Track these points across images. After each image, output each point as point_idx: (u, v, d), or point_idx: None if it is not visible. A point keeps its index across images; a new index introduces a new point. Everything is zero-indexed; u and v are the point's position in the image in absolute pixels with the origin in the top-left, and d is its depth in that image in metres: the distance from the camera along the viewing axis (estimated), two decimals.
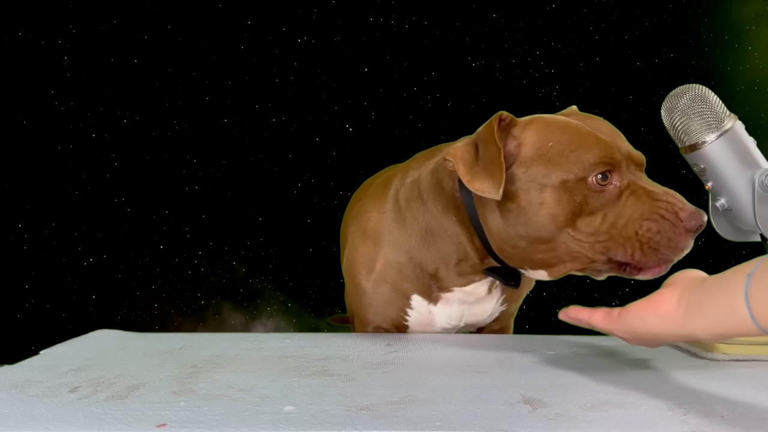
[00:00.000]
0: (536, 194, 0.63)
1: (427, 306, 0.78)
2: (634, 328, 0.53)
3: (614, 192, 0.62)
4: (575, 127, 0.65)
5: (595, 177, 0.62)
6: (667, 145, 0.71)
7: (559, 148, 0.63)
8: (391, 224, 0.77)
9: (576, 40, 1.81)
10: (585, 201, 0.62)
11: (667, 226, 0.60)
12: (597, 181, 0.62)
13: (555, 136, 0.64)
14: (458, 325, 0.81)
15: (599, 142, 0.63)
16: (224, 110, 1.79)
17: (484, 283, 0.76)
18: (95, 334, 0.79)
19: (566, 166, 0.62)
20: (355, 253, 0.80)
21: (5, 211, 1.67)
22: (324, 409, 0.45)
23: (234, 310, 1.84)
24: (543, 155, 0.64)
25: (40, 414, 0.45)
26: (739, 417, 0.44)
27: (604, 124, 0.68)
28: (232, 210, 1.79)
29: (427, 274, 0.76)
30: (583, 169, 0.62)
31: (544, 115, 0.69)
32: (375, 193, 0.82)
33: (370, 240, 0.78)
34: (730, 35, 1.82)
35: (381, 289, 0.78)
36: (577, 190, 0.62)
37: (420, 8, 1.84)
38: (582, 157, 0.62)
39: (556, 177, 0.62)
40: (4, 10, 1.66)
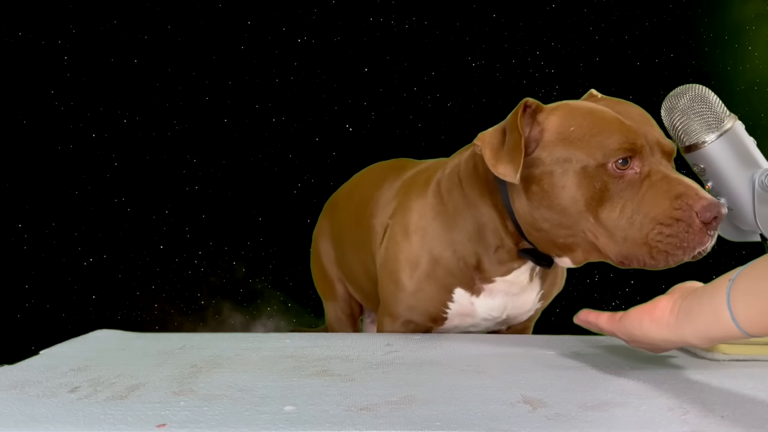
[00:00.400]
0: (558, 178, 0.64)
1: (469, 298, 0.78)
2: (632, 331, 0.55)
3: (635, 178, 0.62)
4: (599, 112, 0.65)
5: (615, 162, 0.62)
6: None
7: (581, 132, 0.64)
8: (434, 219, 0.78)
9: (576, 40, 1.81)
10: (605, 187, 0.62)
11: (681, 228, 0.59)
12: (617, 166, 0.62)
13: (577, 121, 0.65)
14: (500, 317, 0.81)
15: (622, 127, 0.63)
16: (224, 110, 1.79)
17: (525, 271, 0.76)
18: (95, 334, 0.79)
19: (587, 150, 0.63)
20: (397, 249, 0.80)
21: (5, 211, 1.67)
22: (324, 409, 0.45)
23: (234, 310, 1.84)
24: (565, 140, 0.65)
25: (40, 414, 0.45)
26: (740, 417, 0.44)
27: (634, 109, 0.68)
28: (232, 210, 1.79)
29: (470, 266, 0.76)
30: (604, 155, 0.62)
31: (571, 101, 0.69)
32: (418, 187, 0.83)
33: (414, 236, 0.79)
34: (730, 35, 1.82)
35: (424, 286, 0.78)
36: (597, 176, 0.62)
37: (420, 8, 1.84)
38: (603, 142, 0.62)
39: (577, 161, 0.63)
40: (4, 10, 1.66)
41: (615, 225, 0.62)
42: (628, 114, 0.66)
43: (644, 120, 0.66)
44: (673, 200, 0.60)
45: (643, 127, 0.65)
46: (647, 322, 0.53)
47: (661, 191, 0.61)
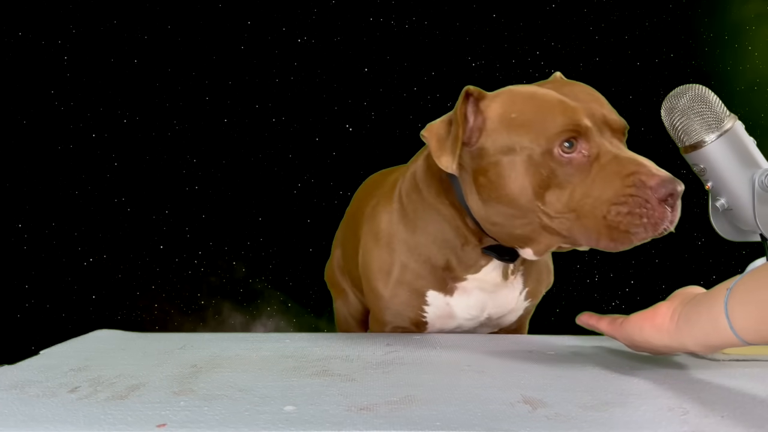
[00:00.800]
0: (504, 168, 0.62)
1: (444, 299, 0.77)
2: (633, 336, 0.56)
3: (583, 162, 0.60)
4: (541, 96, 0.63)
5: (560, 146, 0.60)
6: (667, 145, 0.71)
7: (523, 118, 0.62)
8: (399, 223, 0.77)
9: (576, 40, 1.81)
10: (552, 173, 0.60)
11: (637, 204, 0.57)
12: (563, 151, 0.60)
13: (518, 107, 0.63)
14: (480, 316, 0.79)
15: (565, 109, 0.61)
16: (224, 110, 1.79)
17: (495, 268, 0.75)
18: (95, 334, 0.79)
19: (530, 136, 0.61)
20: (369, 258, 0.80)
21: (5, 211, 1.66)
22: (324, 409, 0.45)
23: (234, 310, 1.83)
24: (507, 127, 0.63)
25: (40, 414, 0.45)
26: (739, 417, 0.44)
27: (583, 89, 0.66)
28: (232, 210, 1.79)
29: (439, 267, 0.75)
30: (547, 140, 0.60)
31: (515, 86, 0.67)
32: (385, 193, 0.82)
33: (382, 243, 0.78)
34: (730, 35, 1.82)
35: (398, 293, 0.78)
36: (544, 162, 0.60)
37: (420, 8, 1.84)
38: (545, 127, 0.60)
39: (521, 149, 0.61)
40: (4, 10, 1.66)
41: (567, 208, 0.60)
42: (575, 94, 0.63)
43: (591, 98, 0.64)
44: (625, 179, 0.58)
45: (589, 106, 0.62)
46: (648, 328, 0.54)
47: (611, 172, 0.58)
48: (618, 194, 0.58)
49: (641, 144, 0.68)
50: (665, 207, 0.57)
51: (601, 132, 0.61)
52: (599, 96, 0.65)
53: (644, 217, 0.57)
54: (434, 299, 0.77)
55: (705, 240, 1.69)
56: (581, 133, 0.60)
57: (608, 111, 0.63)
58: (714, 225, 0.69)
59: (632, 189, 0.57)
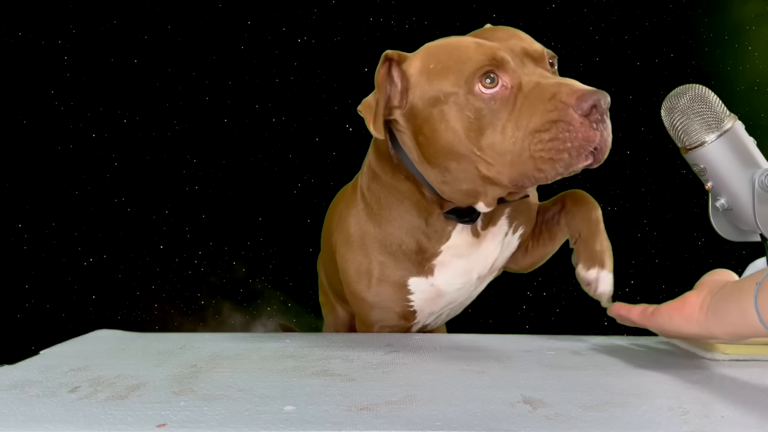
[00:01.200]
0: (434, 119, 0.62)
1: (426, 282, 0.76)
2: (662, 325, 0.59)
3: (507, 95, 0.59)
4: (456, 42, 0.63)
5: (481, 83, 0.59)
6: (667, 145, 0.71)
7: (441, 66, 0.61)
8: (366, 221, 0.77)
9: (576, 40, 1.81)
10: (480, 113, 0.59)
11: (560, 129, 0.54)
12: (484, 87, 0.59)
13: (435, 57, 0.63)
14: (469, 282, 0.78)
15: (478, 47, 0.60)
16: (224, 110, 1.79)
17: (463, 229, 0.73)
18: (95, 334, 0.79)
19: (450, 81, 0.60)
20: (345, 263, 0.79)
21: (5, 211, 1.66)
22: (324, 409, 0.45)
23: (234, 310, 1.83)
24: (429, 78, 0.62)
25: (40, 414, 0.45)
26: (740, 417, 0.44)
27: (504, 31, 0.65)
28: (232, 210, 1.79)
29: (412, 251, 0.74)
30: (467, 79, 0.59)
31: (432, 41, 0.67)
32: (348, 197, 0.82)
33: (354, 245, 0.78)
34: (730, 35, 1.82)
35: (381, 291, 0.77)
36: (468, 104, 0.59)
37: (420, 8, 1.84)
38: (462, 68, 0.60)
39: (445, 96, 0.61)
40: (4, 10, 1.66)
41: (501, 150, 0.58)
42: (493, 35, 0.63)
43: (509, 35, 0.63)
44: (546, 103, 0.55)
45: (507, 41, 0.62)
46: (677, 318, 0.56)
47: (534, 99, 0.57)
48: (541, 121, 0.56)
49: (641, 144, 0.68)
50: (590, 125, 0.54)
51: (523, 63, 0.60)
52: (520, 33, 0.65)
53: (567, 141, 0.54)
54: (417, 285, 0.77)
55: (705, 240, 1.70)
56: (499, 66, 0.59)
57: (528, 43, 0.62)
58: (714, 225, 0.69)
59: (554, 114, 0.55)
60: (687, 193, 1.76)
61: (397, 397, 0.48)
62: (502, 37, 0.63)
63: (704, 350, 0.65)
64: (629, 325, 0.63)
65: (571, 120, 0.54)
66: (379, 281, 0.77)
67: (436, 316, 0.85)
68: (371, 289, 0.77)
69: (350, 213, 0.80)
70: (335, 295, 1.06)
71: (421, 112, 0.63)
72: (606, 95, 0.55)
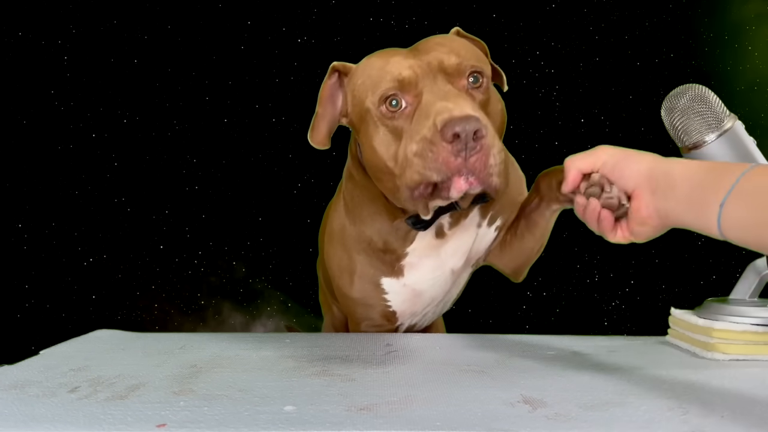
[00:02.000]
0: (363, 134, 0.64)
1: (398, 282, 0.77)
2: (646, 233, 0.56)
3: (409, 113, 0.60)
4: (375, 59, 0.64)
5: (385, 105, 0.60)
6: (667, 145, 0.70)
7: (365, 84, 0.63)
8: (345, 218, 0.78)
9: (576, 40, 1.81)
10: (388, 130, 0.61)
11: (425, 146, 0.55)
12: (388, 109, 0.60)
13: (364, 73, 0.64)
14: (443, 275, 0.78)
15: (388, 70, 0.61)
16: (224, 110, 1.79)
17: (427, 233, 0.73)
18: (95, 334, 0.78)
19: (369, 99, 0.62)
20: (329, 260, 0.81)
21: (5, 211, 1.66)
22: (324, 409, 0.45)
23: (234, 310, 1.83)
24: (358, 94, 0.64)
25: (39, 414, 0.45)
26: (739, 417, 0.44)
27: (434, 39, 0.65)
28: (232, 210, 1.79)
29: (380, 250, 0.75)
30: (375, 102, 0.61)
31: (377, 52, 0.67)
32: (334, 196, 0.84)
33: (335, 241, 0.79)
34: (730, 35, 1.82)
35: (361, 289, 0.78)
36: (381, 121, 0.61)
37: (420, 8, 1.84)
38: (374, 89, 0.62)
39: (366, 112, 0.63)
40: (4, 10, 1.66)
41: (402, 164, 0.59)
42: (421, 49, 0.63)
43: (434, 46, 0.62)
44: (427, 120, 0.56)
45: (426, 55, 0.61)
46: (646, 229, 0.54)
47: (421, 117, 0.58)
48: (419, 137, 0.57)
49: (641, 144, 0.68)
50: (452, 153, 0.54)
51: (435, 78, 0.60)
52: (447, 42, 0.64)
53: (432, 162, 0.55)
54: (390, 286, 0.77)
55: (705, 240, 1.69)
56: (402, 88, 0.60)
57: (447, 56, 0.61)
58: None
59: (428, 132, 0.55)
60: None
61: (397, 397, 0.48)
62: (427, 49, 0.63)
63: (704, 350, 0.65)
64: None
65: (437, 143, 0.55)
66: (359, 278, 0.77)
67: (420, 316, 0.85)
68: (353, 285, 0.78)
69: (333, 211, 0.81)
70: (331, 295, 1.07)
71: (355, 125, 0.66)
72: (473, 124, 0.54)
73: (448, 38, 0.66)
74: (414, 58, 0.62)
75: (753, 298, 0.67)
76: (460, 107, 0.55)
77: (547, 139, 1.75)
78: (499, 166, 0.56)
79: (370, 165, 0.65)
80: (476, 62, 0.62)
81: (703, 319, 0.66)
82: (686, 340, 0.69)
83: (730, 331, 0.63)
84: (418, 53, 0.63)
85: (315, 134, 0.67)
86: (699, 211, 0.47)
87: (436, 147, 0.55)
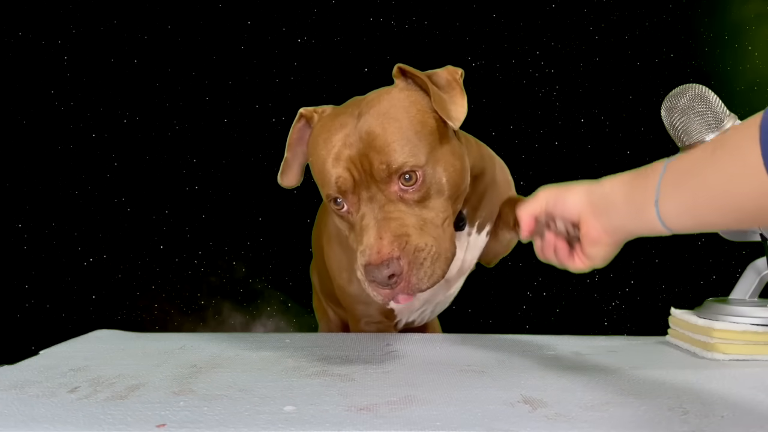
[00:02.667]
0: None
1: None
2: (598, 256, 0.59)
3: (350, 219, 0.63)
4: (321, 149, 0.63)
5: (332, 202, 0.63)
6: (667, 145, 0.70)
7: (314, 168, 0.66)
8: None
9: (576, 40, 1.81)
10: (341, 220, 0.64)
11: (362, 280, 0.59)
12: (334, 205, 0.63)
13: (314, 151, 0.65)
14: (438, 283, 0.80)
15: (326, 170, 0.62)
16: (224, 110, 1.79)
17: None
18: (95, 334, 0.78)
19: (319, 186, 0.65)
20: (329, 259, 0.83)
21: (5, 211, 1.66)
22: (324, 409, 0.45)
23: (234, 310, 1.83)
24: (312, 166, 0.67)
25: (39, 414, 0.45)
26: (740, 417, 0.44)
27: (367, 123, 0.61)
28: (232, 210, 1.79)
29: None
30: (323, 193, 0.64)
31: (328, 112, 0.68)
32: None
33: (333, 241, 0.81)
34: (730, 35, 1.82)
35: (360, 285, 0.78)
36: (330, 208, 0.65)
37: (420, 8, 1.84)
38: (320, 183, 0.65)
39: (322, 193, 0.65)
40: (4, 10, 1.66)
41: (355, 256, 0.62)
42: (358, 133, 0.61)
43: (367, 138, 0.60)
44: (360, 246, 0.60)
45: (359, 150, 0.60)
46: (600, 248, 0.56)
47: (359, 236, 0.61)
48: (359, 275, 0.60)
49: (641, 144, 0.68)
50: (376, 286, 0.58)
51: (368, 186, 0.61)
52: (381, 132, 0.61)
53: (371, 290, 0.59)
54: None
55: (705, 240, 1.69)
56: (342, 194, 0.62)
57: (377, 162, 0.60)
58: None
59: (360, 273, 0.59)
60: None
61: (397, 397, 0.48)
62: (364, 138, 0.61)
63: (704, 350, 0.65)
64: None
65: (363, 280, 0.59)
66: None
67: (418, 314, 0.87)
68: (352, 283, 0.79)
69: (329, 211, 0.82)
70: (327, 299, 1.07)
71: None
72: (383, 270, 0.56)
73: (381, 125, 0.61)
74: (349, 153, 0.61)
75: (753, 298, 0.67)
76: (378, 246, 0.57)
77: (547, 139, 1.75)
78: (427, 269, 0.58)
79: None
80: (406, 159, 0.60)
81: (703, 319, 0.66)
82: (686, 340, 0.69)
83: (730, 331, 0.63)
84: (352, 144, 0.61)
85: (285, 178, 0.71)
86: (640, 217, 0.49)
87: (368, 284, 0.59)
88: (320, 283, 1.07)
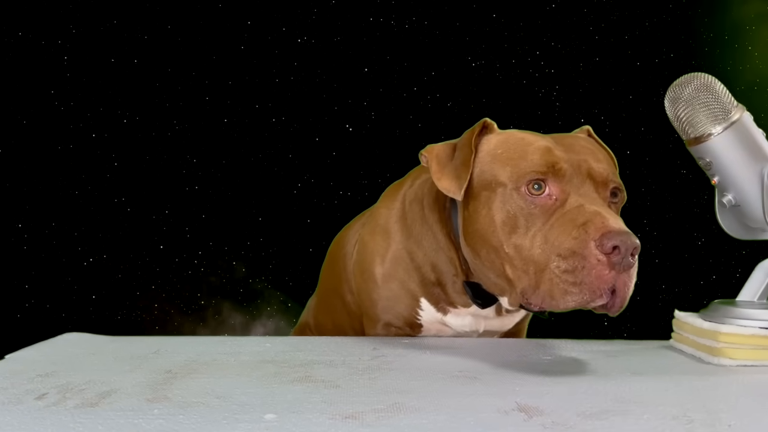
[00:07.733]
0: (480, 202, 0.64)
1: (435, 314, 0.77)
2: None
3: (548, 204, 0.59)
4: (528, 139, 0.64)
5: (527, 185, 0.60)
6: (667, 145, 0.69)
7: (506, 155, 0.64)
8: (397, 222, 0.78)
9: (576, 40, 1.81)
10: (518, 212, 0.60)
11: (576, 263, 0.54)
12: (529, 190, 0.60)
13: (507, 145, 0.65)
14: (477, 331, 0.79)
15: (544, 152, 0.61)
16: (224, 110, 1.81)
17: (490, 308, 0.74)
18: (64, 338, 0.75)
19: (506, 173, 0.62)
20: (365, 248, 0.80)
21: (5, 211, 1.67)
22: (307, 418, 0.44)
23: (234, 310, 1.85)
24: (491, 162, 0.65)
25: (4, 422, 0.43)
26: (747, 426, 0.43)
27: (584, 143, 0.65)
28: (232, 210, 1.81)
29: (430, 281, 0.75)
30: (519, 177, 0.61)
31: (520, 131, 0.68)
32: (388, 194, 0.83)
33: (379, 234, 0.79)
34: (730, 35, 1.83)
35: (390, 284, 0.77)
36: (512, 199, 0.61)
37: (420, 8, 1.84)
38: (520, 165, 0.61)
39: (496, 183, 0.63)
40: (4, 10, 1.67)
41: (526, 257, 0.58)
42: (568, 144, 0.63)
43: (583, 150, 0.63)
44: (576, 229, 0.55)
45: (576, 155, 0.61)
46: None
47: (568, 220, 0.56)
48: (563, 246, 0.55)
49: (641, 144, 0.66)
50: (607, 267, 0.53)
51: (582, 182, 0.60)
52: (596, 151, 0.64)
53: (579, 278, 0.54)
54: (427, 309, 0.77)
55: (705, 240, 1.68)
56: (552, 175, 0.60)
57: (596, 163, 0.61)
58: (720, 222, 0.67)
59: (575, 243, 0.54)
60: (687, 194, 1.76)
61: (384, 405, 0.47)
62: (577, 148, 0.63)
63: (710, 355, 0.63)
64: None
65: (588, 255, 0.53)
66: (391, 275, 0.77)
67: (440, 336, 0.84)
68: (382, 273, 0.77)
69: (385, 207, 0.80)
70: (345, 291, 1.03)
71: (474, 188, 0.65)
72: (634, 240, 0.53)
73: (592, 143, 0.66)
74: (564, 152, 0.61)
75: (762, 300, 0.65)
76: (614, 218, 0.55)
77: None
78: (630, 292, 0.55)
79: (477, 234, 0.64)
80: (617, 178, 0.63)
81: (708, 322, 0.64)
82: (691, 344, 0.67)
83: (737, 335, 0.61)
84: (565, 149, 0.62)
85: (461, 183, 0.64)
86: None
87: (588, 260, 0.53)
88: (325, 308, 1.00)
